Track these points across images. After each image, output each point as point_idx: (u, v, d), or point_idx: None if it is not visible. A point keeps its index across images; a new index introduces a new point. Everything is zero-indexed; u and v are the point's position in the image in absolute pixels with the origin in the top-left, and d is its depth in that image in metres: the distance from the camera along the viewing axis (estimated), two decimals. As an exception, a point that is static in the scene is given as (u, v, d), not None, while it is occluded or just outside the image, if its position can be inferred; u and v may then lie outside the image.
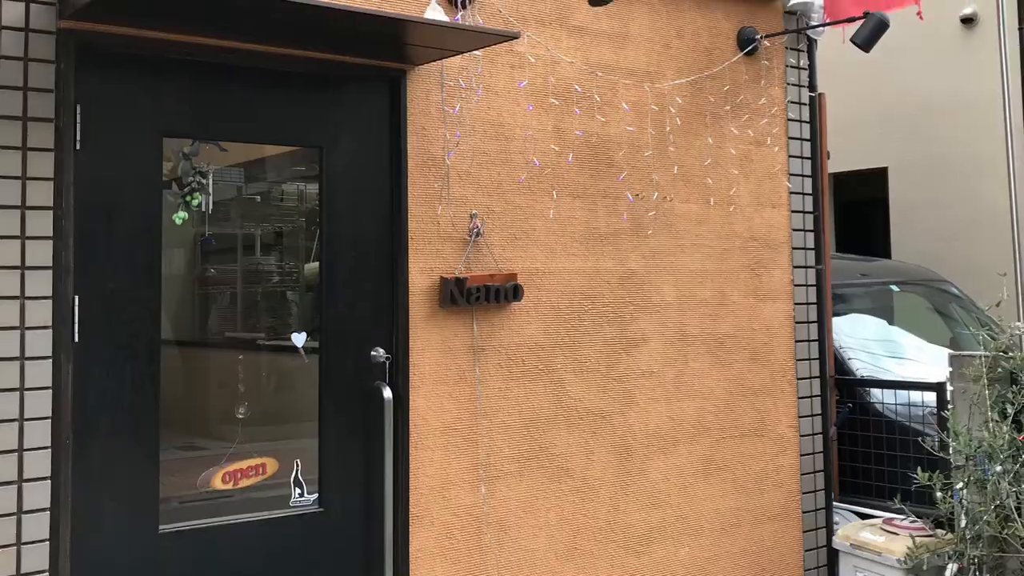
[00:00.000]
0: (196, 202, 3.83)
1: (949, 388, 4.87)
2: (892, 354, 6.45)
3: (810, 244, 5.44)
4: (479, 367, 4.28)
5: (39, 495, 3.34)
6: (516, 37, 4.01)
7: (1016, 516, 4.27)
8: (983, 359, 4.59)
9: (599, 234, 4.65)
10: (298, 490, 3.97)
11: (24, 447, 3.32)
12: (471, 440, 4.25)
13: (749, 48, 5.18)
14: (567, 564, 4.49)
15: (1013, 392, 4.48)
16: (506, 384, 4.35)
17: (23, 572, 3.31)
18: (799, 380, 5.34)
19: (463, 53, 4.14)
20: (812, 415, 5.38)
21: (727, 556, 5.02)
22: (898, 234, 9.41)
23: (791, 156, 5.38)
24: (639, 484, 4.73)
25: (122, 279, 3.56)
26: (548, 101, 4.51)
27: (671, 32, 4.95)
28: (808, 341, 5.40)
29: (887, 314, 7.05)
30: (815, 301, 5.44)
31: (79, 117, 3.46)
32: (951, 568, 4.57)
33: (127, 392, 3.56)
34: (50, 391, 3.37)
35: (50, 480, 3.36)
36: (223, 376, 4.10)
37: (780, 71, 5.36)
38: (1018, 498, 4.31)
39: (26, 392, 3.33)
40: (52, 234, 3.39)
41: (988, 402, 4.48)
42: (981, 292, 6.95)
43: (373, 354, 4.06)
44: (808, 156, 5.46)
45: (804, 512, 5.31)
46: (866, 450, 5.70)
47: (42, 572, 3.34)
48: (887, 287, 7.22)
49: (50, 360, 3.37)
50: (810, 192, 5.46)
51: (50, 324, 3.37)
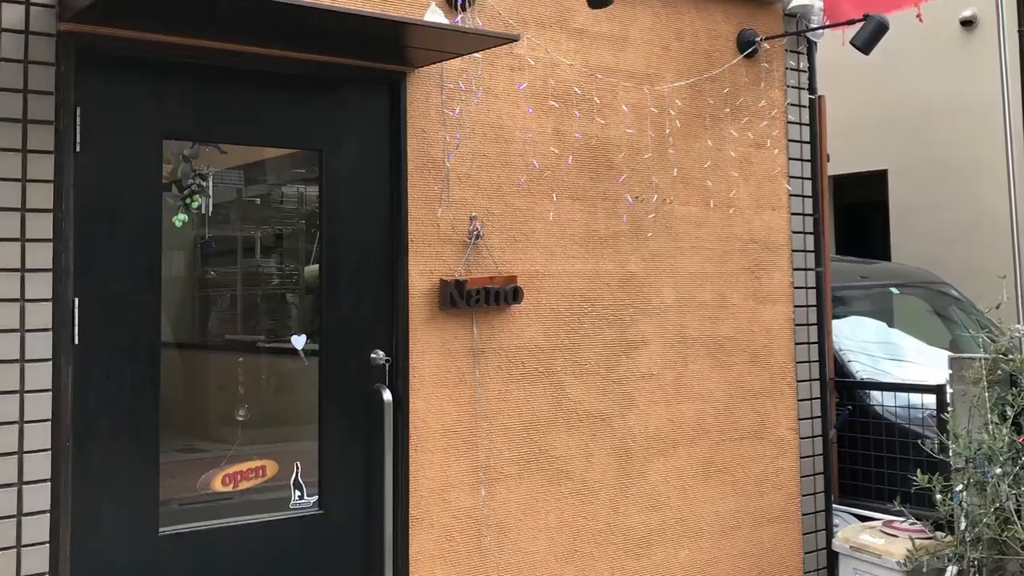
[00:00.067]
0: (196, 204, 3.83)
1: (949, 390, 4.87)
2: (892, 356, 6.44)
3: (810, 246, 5.44)
4: (479, 369, 4.28)
5: (39, 497, 3.34)
6: (516, 40, 4.01)
7: (1016, 518, 4.27)
8: (983, 361, 4.59)
9: (599, 236, 4.65)
10: (298, 492, 3.97)
11: (24, 449, 3.32)
12: (471, 442, 4.25)
13: (749, 50, 5.18)
14: (567, 566, 4.49)
15: (1013, 394, 4.48)
16: (506, 386, 4.35)
17: (23, 574, 3.31)
18: (799, 382, 5.34)
19: (463, 56, 4.15)
20: (812, 417, 5.38)
21: (727, 558, 5.01)
22: (898, 237, 9.40)
23: (791, 158, 5.38)
24: (639, 486, 4.73)
25: (122, 281, 3.56)
26: (548, 103, 4.51)
27: (671, 34, 4.95)
28: (808, 343, 5.40)
29: (887, 316, 7.05)
30: (815, 303, 5.44)
31: (79, 119, 3.46)
32: (951, 570, 4.56)
33: (127, 394, 3.56)
34: (50, 393, 3.37)
35: (50, 482, 3.36)
36: (223, 378, 4.10)
37: (780, 73, 5.36)
38: (1018, 500, 4.31)
39: (26, 394, 3.33)
40: (52, 236, 3.39)
41: (988, 404, 4.48)
42: (981, 295, 6.95)
43: (373, 356, 4.06)
44: (808, 158, 5.46)
45: (804, 514, 5.31)
46: (866, 452, 5.70)
47: (42, 574, 3.34)
48: (887, 290, 7.22)
49: (50, 362, 3.37)
50: (810, 194, 5.46)
51: (50, 326, 3.37)
